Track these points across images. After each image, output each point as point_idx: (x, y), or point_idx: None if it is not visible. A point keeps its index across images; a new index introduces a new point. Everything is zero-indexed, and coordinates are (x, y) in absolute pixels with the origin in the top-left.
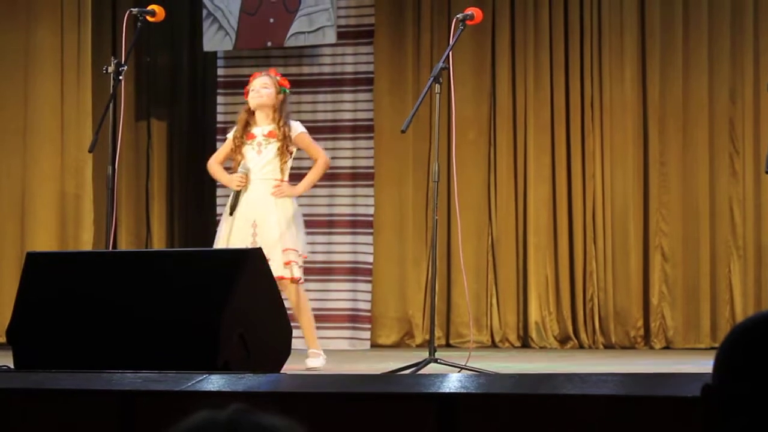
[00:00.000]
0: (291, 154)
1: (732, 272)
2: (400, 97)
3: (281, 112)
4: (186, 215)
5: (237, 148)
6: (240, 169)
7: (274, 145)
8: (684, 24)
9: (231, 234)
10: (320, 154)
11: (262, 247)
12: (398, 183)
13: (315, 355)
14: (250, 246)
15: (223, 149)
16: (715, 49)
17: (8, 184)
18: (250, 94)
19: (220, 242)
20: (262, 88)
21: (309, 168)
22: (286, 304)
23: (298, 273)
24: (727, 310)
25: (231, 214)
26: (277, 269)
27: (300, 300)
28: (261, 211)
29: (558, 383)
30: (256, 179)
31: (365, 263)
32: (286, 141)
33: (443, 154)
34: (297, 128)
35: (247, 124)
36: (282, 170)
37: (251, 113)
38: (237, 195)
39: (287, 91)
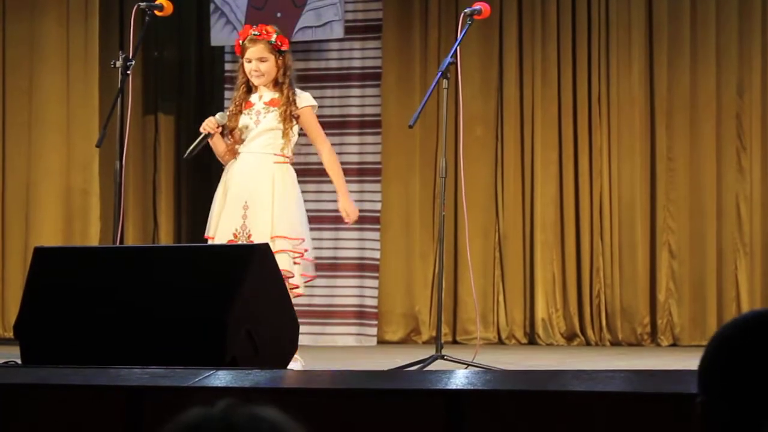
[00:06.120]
0: (296, 120)
1: (738, 269)
2: (407, 92)
3: (284, 78)
4: (193, 210)
5: (233, 116)
6: (218, 116)
7: (275, 113)
8: (691, 18)
9: (221, 216)
10: (325, 141)
11: (252, 233)
12: (405, 179)
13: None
14: (239, 229)
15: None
16: (723, 43)
17: (13, 178)
18: (246, 66)
19: (212, 224)
20: (259, 62)
21: (317, 163)
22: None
23: (286, 265)
24: (733, 307)
25: (185, 156)
26: None
27: None
28: (254, 191)
29: (565, 380)
30: (250, 152)
31: (372, 259)
32: (290, 107)
33: (450, 149)
34: (306, 99)
35: (248, 90)
36: (285, 141)
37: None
38: (201, 140)
39: (287, 51)
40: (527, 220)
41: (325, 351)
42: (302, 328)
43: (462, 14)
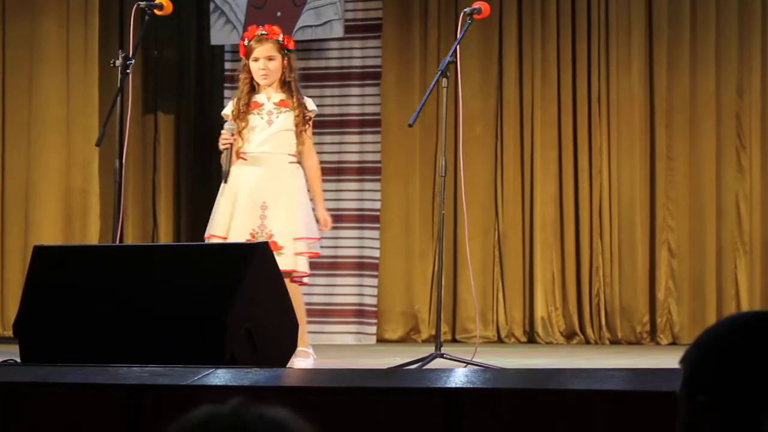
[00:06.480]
0: (309, 123)
1: (738, 268)
2: (407, 92)
3: (291, 78)
4: (193, 209)
5: (242, 115)
6: (227, 127)
7: (289, 114)
8: (691, 18)
9: (234, 217)
10: (314, 151)
11: (273, 233)
12: (405, 177)
13: (305, 354)
14: (257, 229)
15: None
16: (722, 43)
17: (13, 177)
18: (253, 65)
19: (219, 227)
20: (267, 61)
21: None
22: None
23: (304, 267)
24: (733, 306)
25: (225, 181)
26: (287, 261)
27: (298, 296)
28: (272, 190)
29: (564, 378)
30: (265, 152)
31: (372, 258)
32: (303, 110)
33: (450, 148)
34: (311, 104)
35: (252, 89)
36: (298, 142)
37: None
38: (228, 157)
39: (292, 51)
40: (527, 218)
41: (325, 349)
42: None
43: (462, 13)
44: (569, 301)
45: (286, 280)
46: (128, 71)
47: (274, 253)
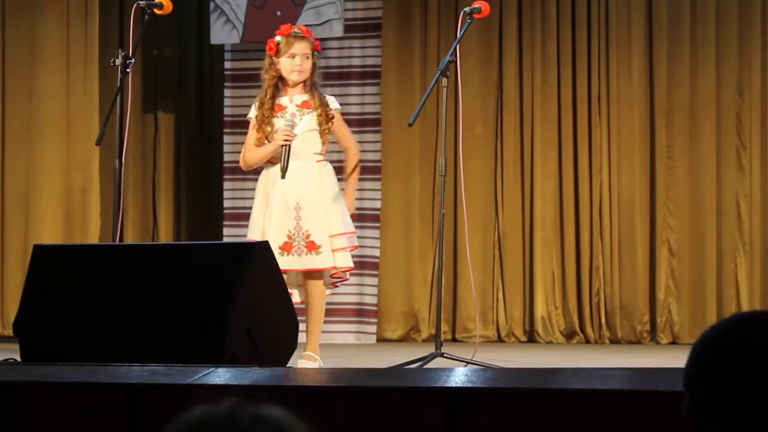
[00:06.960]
0: (332, 120)
1: (738, 267)
2: (407, 91)
3: (314, 80)
4: (193, 208)
5: (267, 119)
6: (285, 123)
7: (312, 115)
8: (691, 17)
9: (269, 220)
10: (353, 143)
11: (310, 233)
12: (405, 177)
13: (311, 358)
14: (293, 230)
15: (252, 135)
16: (723, 41)
17: (13, 177)
18: (288, 62)
19: (255, 231)
20: (304, 58)
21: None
22: (295, 297)
23: (344, 262)
24: (733, 306)
25: (284, 176)
26: (326, 260)
27: (320, 300)
28: (303, 191)
29: (564, 378)
30: (291, 155)
31: (372, 257)
32: (325, 108)
33: (450, 147)
34: (334, 102)
35: (275, 91)
36: (323, 141)
37: (281, 78)
38: (287, 152)
39: (317, 54)
40: (527, 218)
41: (325, 349)
42: (302, 326)
43: (461, 12)
44: (569, 300)
45: (318, 283)
46: (128, 70)
47: (313, 252)
